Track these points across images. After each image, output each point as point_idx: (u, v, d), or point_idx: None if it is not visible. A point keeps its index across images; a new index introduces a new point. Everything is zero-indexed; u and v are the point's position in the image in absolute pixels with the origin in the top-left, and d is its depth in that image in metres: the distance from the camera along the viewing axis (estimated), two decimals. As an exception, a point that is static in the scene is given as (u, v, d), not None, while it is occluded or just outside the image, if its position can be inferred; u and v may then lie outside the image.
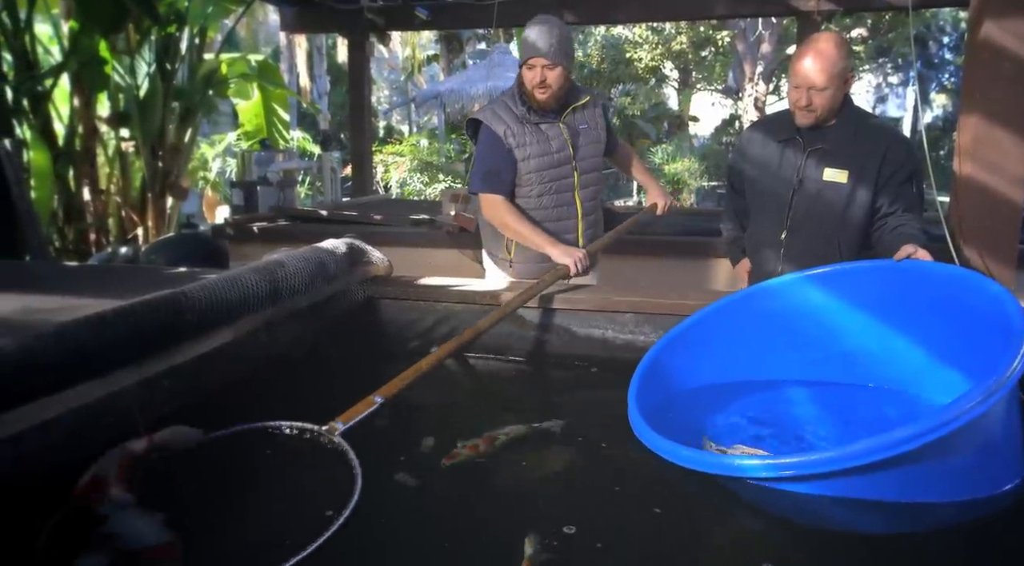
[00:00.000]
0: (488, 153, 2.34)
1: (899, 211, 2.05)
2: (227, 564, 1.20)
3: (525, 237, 2.32)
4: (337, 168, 7.27)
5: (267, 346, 1.91)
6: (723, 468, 1.41)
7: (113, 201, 5.69)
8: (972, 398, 1.24)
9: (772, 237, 2.26)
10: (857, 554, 1.30)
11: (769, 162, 2.23)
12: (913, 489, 1.36)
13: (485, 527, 1.36)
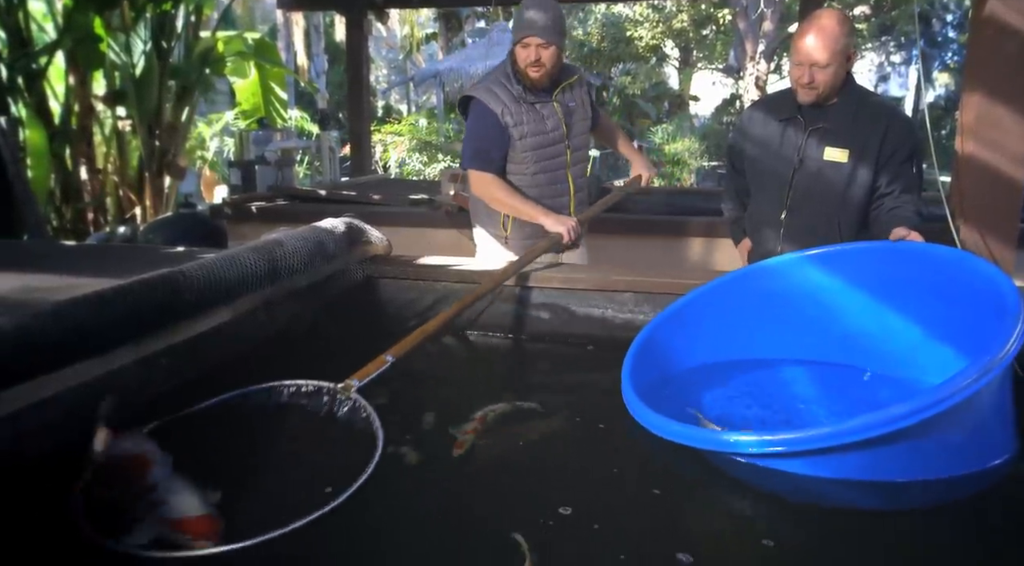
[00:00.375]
0: (481, 131, 2.36)
1: (896, 191, 2.04)
2: (255, 522, 1.21)
3: (518, 210, 2.35)
4: (335, 148, 7.23)
5: (266, 325, 1.91)
6: (715, 444, 1.41)
7: (110, 180, 5.66)
8: (967, 376, 1.25)
9: (772, 216, 2.25)
10: (853, 531, 1.31)
11: (770, 141, 2.21)
12: (907, 467, 1.37)
13: (480, 507, 1.36)
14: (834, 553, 1.24)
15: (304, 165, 9.64)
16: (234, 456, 1.45)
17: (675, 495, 1.40)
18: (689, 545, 1.20)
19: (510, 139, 2.37)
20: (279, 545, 1.19)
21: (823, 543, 1.28)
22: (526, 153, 2.38)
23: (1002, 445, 1.47)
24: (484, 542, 1.25)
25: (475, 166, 2.38)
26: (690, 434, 1.44)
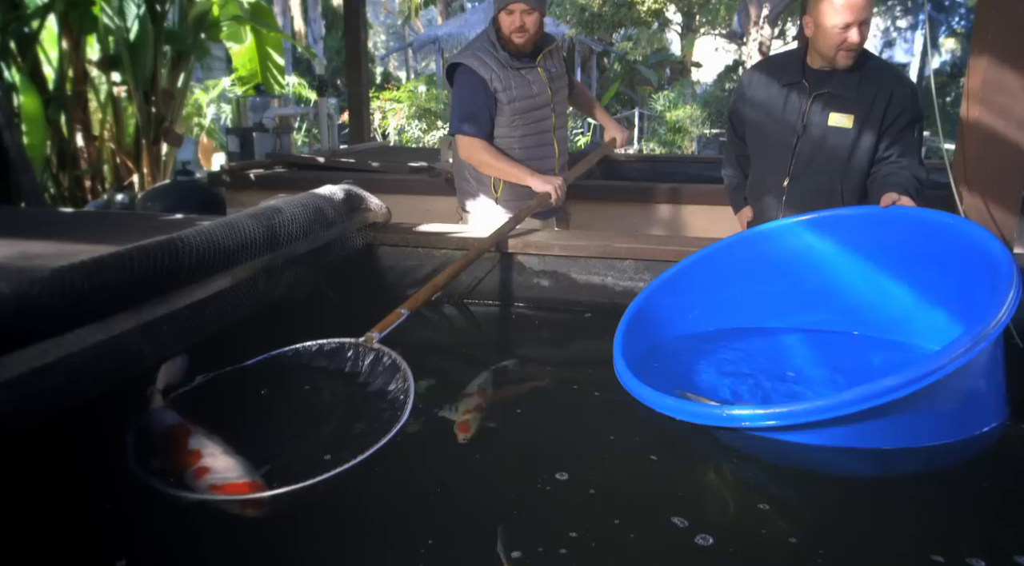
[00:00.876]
0: (470, 97, 2.41)
1: (894, 156, 2.01)
2: (300, 469, 1.27)
3: (506, 172, 2.42)
4: (334, 115, 7.14)
5: (266, 292, 1.91)
6: (707, 418, 1.42)
7: (107, 147, 5.61)
8: (960, 345, 1.25)
9: (774, 184, 2.23)
10: (848, 497, 1.33)
11: (772, 106, 2.17)
12: (901, 435, 1.38)
13: (478, 472, 1.37)
14: (829, 519, 1.25)
15: (302, 133, 9.54)
16: (273, 413, 1.53)
17: (671, 461, 1.41)
18: (685, 510, 1.21)
19: (497, 105, 2.42)
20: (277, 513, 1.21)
21: (818, 509, 1.29)
22: (514, 117, 2.44)
23: (993, 412, 1.48)
24: (482, 507, 1.26)
25: (464, 131, 2.42)
26: (682, 408, 1.45)
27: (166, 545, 1.15)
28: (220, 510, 1.22)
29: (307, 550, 1.14)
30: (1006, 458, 1.45)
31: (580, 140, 10.15)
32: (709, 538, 1.13)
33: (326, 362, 1.69)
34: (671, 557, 1.11)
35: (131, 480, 1.24)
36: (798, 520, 1.24)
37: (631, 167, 4.76)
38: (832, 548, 1.14)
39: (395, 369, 1.59)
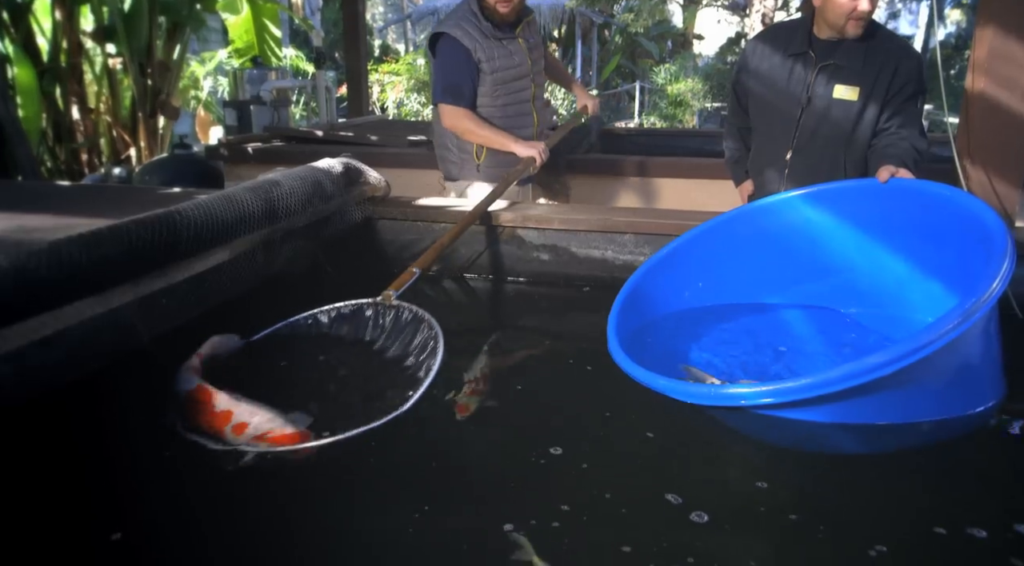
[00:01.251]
0: (454, 67, 2.43)
1: (894, 127, 1.99)
2: (344, 422, 1.33)
3: (490, 139, 2.46)
4: (332, 88, 7.07)
5: (264, 266, 1.90)
6: (698, 397, 1.41)
7: (103, 120, 5.56)
8: (951, 320, 1.24)
9: (777, 157, 2.21)
10: (846, 474, 1.33)
11: (776, 77, 2.14)
12: (895, 411, 1.38)
13: (474, 446, 1.38)
14: (828, 496, 1.26)
15: (300, 106, 9.45)
16: (305, 375, 1.56)
17: (667, 439, 1.41)
18: (679, 487, 1.21)
19: (480, 75, 2.45)
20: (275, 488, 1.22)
21: (817, 486, 1.29)
22: (496, 87, 2.46)
23: (991, 388, 1.48)
24: (478, 479, 1.26)
25: (448, 101, 2.45)
26: (673, 387, 1.43)
27: (165, 514, 1.16)
28: (223, 469, 1.24)
29: (307, 508, 1.15)
30: (1005, 432, 1.45)
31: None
32: (704, 515, 1.13)
33: (348, 324, 1.73)
34: (664, 533, 1.11)
35: (129, 450, 1.25)
36: (797, 497, 1.24)
37: (632, 141, 4.72)
38: (832, 524, 1.14)
39: (419, 321, 1.64)
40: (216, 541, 1.10)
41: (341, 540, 1.11)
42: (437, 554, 1.07)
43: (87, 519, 1.13)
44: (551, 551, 1.05)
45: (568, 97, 10.07)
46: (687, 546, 1.08)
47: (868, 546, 1.07)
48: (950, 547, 1.09)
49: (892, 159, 1.86)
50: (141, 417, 1.37)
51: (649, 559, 1.05)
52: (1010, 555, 1.06)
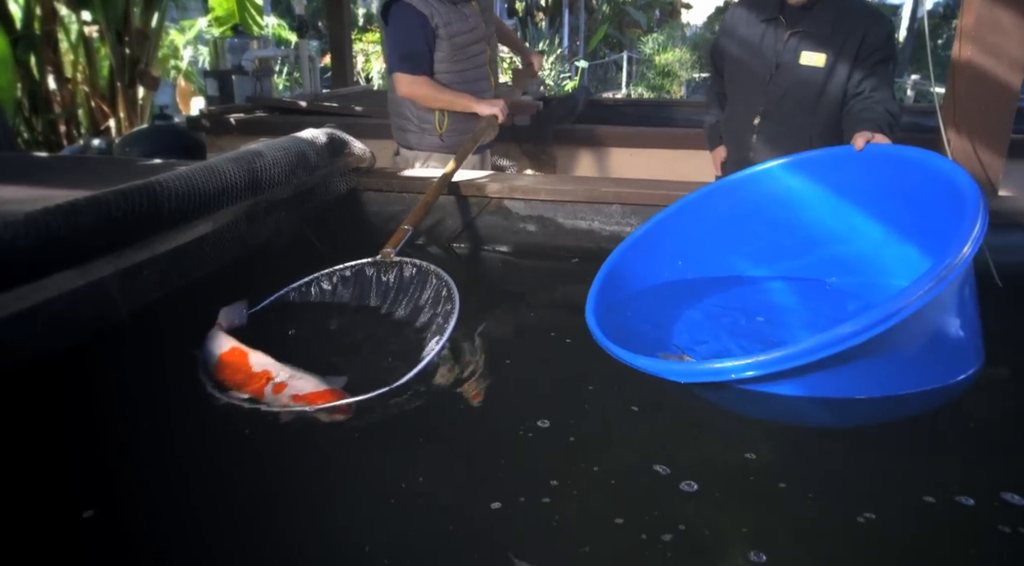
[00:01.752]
0: (411, 34, 2.38)
1: (866, 91, 1.97)
2: (372, 379, 1.36)
3: (453, 103, 2.44)
4: (315, 57, 6.92)
5: (248, 238, 1.88)
6: (674, 374, 1.39)
7: (81, 90, 5.44)
8: (921, 286, 1.22)
9: (746, 122, 2.20)
10: (835, 445, 1.35)
11: (750, 42, 2.13)
12: (878, 382, 1.38)
13: (460, 418, 1.39)
14: (817, 465, 1.27)
15: (283, 76, 9.29)
16: (320, 337, 1.60)
17: (652, 411, 1.41)
18: (667, 458, 1.21)
19: (437, 40, 2.41)
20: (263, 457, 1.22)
21: (805, 456, 1.31)
22: (454, 52, 2.43)
23: (970, 356, 1.48)
24: (465, 454, 1.27)
25: (407, 69, 2.40)
26: (650, 365, 1.41)
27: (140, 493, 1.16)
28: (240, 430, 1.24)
29: (290, 477, 1.16)
30: (988, 399, 1.47)
31: (568, 84, 9.96)
32: (694, 484, 1.14)
33: (352, 285, 1.75)
34: (655, 502, 1.12)
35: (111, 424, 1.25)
36: (785, 468, 1.25)
37: (619, 111, 4.69)
38: (821, 493, 1.16)
39: (425, 274, 1.66)
40: (200, 511, 1.11)
41: (326, 511, 1.11)
42: (423, 531, 1.06)
43: (55, 495, 1.13)
44: (543, 528, 1.05)
45: (554, 66, 9.95)
46: (679, 515, 1.09)
47: (857, 513, 1.09)
48: (938, 515, 1.11)
49: (867, 124, 1.85)
50: (126, 389, 1.37)
51: (642, 529, 1.05)
52: (997, 523, 1.08)
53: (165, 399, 1.38)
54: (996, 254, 1.98)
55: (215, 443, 1.27)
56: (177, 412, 1.35)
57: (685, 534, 1.04)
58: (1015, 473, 1.21)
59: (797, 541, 1.06)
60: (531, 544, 1.03)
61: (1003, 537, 1.05)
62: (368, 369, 1.45)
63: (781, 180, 1.90)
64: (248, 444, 1.27)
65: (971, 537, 1.07)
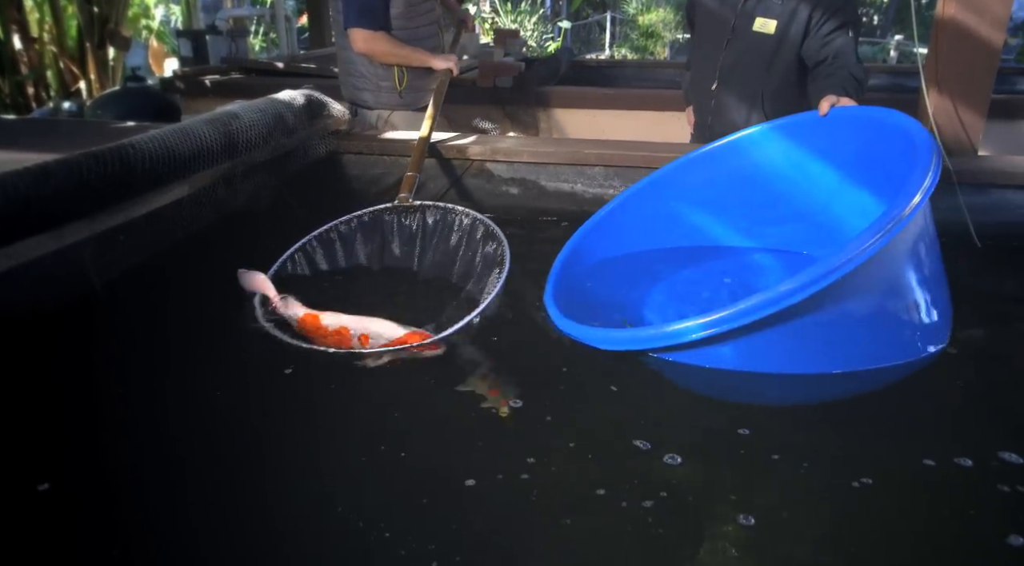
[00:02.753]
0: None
1: (829, 58, 1.95)
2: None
3: (411, 58, 2.42)
4: (292, 17, 6.77)
5: (226, 201, 1.85)
6: (610, 342, 1.38)
7: (48, 51, 5.27)
8: (865, 239, 1.17)
9: (706, 87, 2.21)
10: (826, 416, 1.33)
11: (712, 8, 2.14)
12: (834, 356, 1.35)
13: (431, 397, 1.36)
14: (809, 438, 1.25)
15: (259, 37, 9.05)
16: (365, 285, 1.65)
17: (629, 388, 1.38)
18: (647, 434, 1.20)
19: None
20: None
21: (796, 429, 1.29)
22: (410, 8, 2.39)
23: (938, 325, 1.46)
24: (438, 437, 1.24)
25: (364, 24, 2.33)
26: (588, 334, 1.40)
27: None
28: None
29: (264, 457, 1.16)
30: (976, 360, 1.48)
31: (551, 45, 9.81)
32: (677, 458, 1.14)
33: (372, 231, 1.78)
34: (637, 474, 1.11)
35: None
36: (776, 440, 1.22)
37: (602, 73, 4.63)
38: (816, 460, 1.15)
39: (450, 213, 1.69)
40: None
41: (298, 490, 1.11)
42: (397, 514, 1.04)
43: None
44: (522, 504, 1.05)
45: (536, 27, 9.79)
46: (662, 483, 1.08)
47: (852, 479, 1.09)
48: (934, 477, 1.12)
49: (832, 88, 1.83)
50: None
51: (623, 497, 1.05)
52: (997, 482, 1.09)
53: (141, 369, 1.36)
54: (975, 214, 2.00)
55: (196, 415, 1.26)
56: (151, 381, 1.34)
57: (668, 499, 1.05)
58: (1008, 432, 1.23)
59: (787, 506, 1.07)
60: (510, 518, 1.03)
61: (1002, 495, 1.07)
62: (418, 311, 1.51)
63: (750, 151, 1.88)
64: (226, 414, 1.27)
65: (969, 498, 1.08)
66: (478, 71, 3.43)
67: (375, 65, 2.43)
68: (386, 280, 1.72)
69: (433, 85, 2.42)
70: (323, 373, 1.38)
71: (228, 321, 1.56)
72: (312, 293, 1.58)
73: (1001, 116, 2.89)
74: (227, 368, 1.40)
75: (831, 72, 1.93)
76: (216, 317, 1.57)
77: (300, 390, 1.33)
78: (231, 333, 1.53)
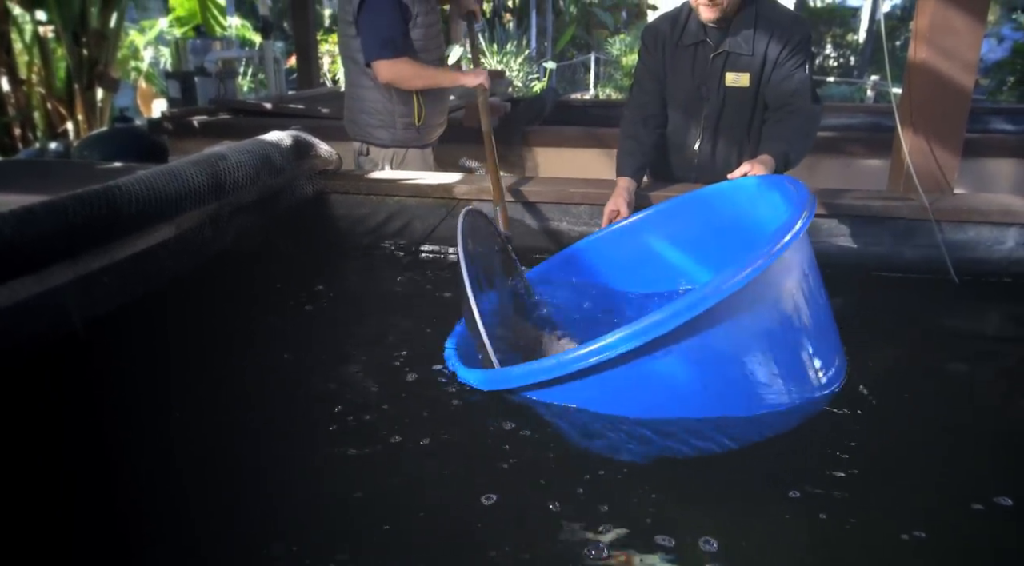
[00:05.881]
0: (389, 20, 2.38)
1: (787, 96, 1.96)
2: None
3: (436, 77, 2.47)
4: (280, 59, 6.85)
5: (213, 241, 1.85)
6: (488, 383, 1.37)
7: (36, 92, 5.30)
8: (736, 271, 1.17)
9: (687, 146, 2.18)
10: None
11: (682, 68, 2.09)
12: (712, 402, 1.30)
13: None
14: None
15: (247, 78, 9.16)
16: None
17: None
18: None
19: (414, 27, 2.43)
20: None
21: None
22: (428, 41, 2.46)
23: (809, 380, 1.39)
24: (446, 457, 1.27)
25: (388, 55, 2.37)
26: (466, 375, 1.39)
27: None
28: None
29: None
30: (942, 386, 1.51)
31: (536, 85, 9.99)
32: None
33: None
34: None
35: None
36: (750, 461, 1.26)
37: (587, 112, 4.71)
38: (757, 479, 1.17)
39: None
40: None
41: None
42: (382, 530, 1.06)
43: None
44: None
45: (522, 68, 9.97)
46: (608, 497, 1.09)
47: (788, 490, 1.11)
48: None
49: (772, 144, 1.87)
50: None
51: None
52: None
53: (127, 411, 1.35)
54: (952, 250, 2.03)
55: (177, 458, 1.24)
56: (138, 425, 1.32)
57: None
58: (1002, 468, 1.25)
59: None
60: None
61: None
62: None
63: (649, 232, 1.89)
64: (230, 435, 1.25)
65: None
66: (464, 111, 3.48)
67: (394, 101, 2.47)
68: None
69: (443, 119, 2.48)
70: (309, 428, 1.37)
71: (213, 363, 1.55)
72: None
73: (975, 155, 2.97)
74: (210, 412, 1.39)
75: (768, 133, 1.97)
76: (202, 359, 1.56)
77: (283, 433, 1.32)
78: (217, 375, 1.51)
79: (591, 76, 12.15)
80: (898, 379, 1.56)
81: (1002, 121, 4.08)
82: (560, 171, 3.49)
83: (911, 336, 1.79)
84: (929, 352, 1.71)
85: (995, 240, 2.06)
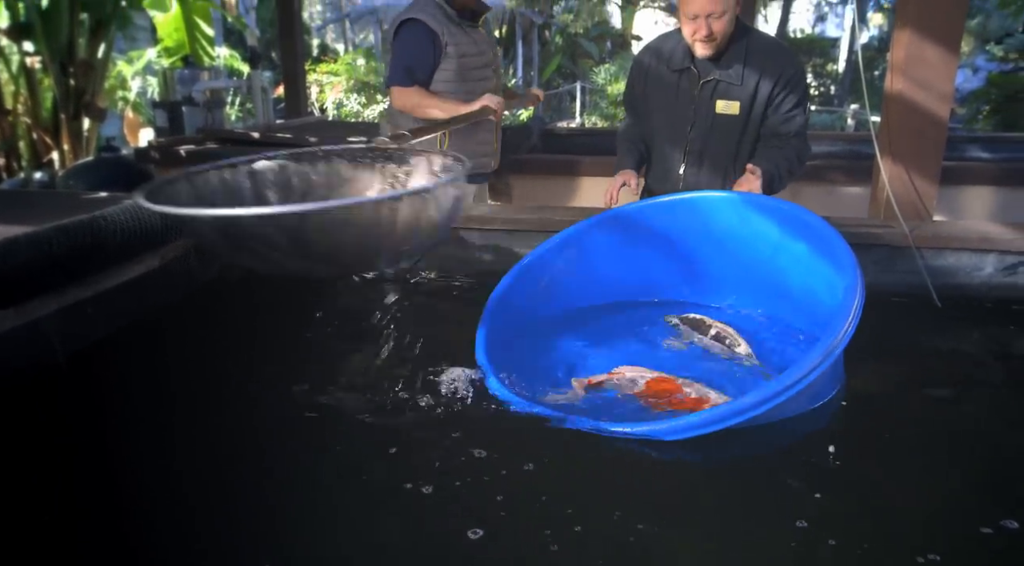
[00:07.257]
0: (415, 49, 2.45)
1: (788, 135, 2.03)
2: None
3: (451, 109, 2.48)
4: (268, 88, 6.89)
5: (198, 271, 1.84)
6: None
7: (22, 123, 5.30)
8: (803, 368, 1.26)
9: (671, 171, 2.22)
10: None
11: (666, 93, 2.14)
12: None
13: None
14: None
15: (235, 107, 9.20)
16: None
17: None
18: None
19: (445, 59, 2.48)
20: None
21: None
22: (463, 73, 2.50)
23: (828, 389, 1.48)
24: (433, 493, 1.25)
25: (400, 82, 2.45)
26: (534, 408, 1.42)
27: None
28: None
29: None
30: (928, 409, 1.52)
31: (523, 114, 10.12)
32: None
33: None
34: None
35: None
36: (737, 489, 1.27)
37: (574, 141, 4.77)
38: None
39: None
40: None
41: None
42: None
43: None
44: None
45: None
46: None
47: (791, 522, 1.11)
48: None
49: (772, 161, 1.94)
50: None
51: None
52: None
53: (105, 444, 1.33)
54: (934, 276, 2.06)
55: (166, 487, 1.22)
56: (119, 464, 1.30)
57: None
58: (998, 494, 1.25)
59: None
60: None
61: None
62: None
63: (664, 216, 1.91)
64: (229, 448, 1.23)
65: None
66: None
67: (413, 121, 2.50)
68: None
69: (480, 149, 2.52)
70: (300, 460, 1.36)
71: (201, 395, 1.53)
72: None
73: (952, 182, 3.03)
74: (200, 444, 1.37)
75: (775, 145, 2.03)
76: (189, 391, 1.54)
77: (269, 466, 1.30)
78: (206, 406, 1.49)
79: (577, 105, 12.30)
80: (886, 398, 1.58)
81: (978, 149, 4.17)
82: (546, 199, 3.52)
83: (898, 357, 1.81)
84: (916, 373, 1.72)
85: (974, 266, 2.09)
